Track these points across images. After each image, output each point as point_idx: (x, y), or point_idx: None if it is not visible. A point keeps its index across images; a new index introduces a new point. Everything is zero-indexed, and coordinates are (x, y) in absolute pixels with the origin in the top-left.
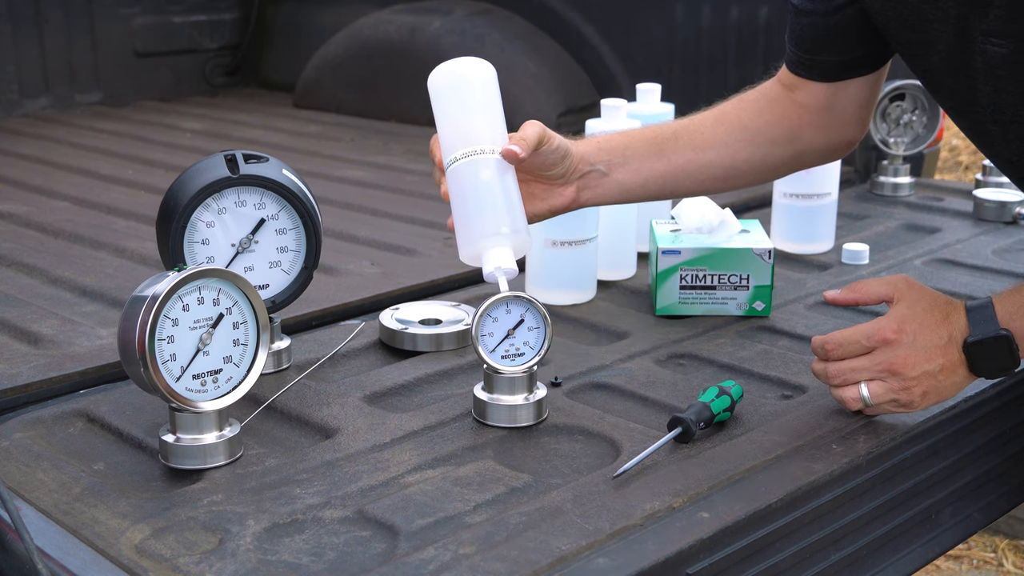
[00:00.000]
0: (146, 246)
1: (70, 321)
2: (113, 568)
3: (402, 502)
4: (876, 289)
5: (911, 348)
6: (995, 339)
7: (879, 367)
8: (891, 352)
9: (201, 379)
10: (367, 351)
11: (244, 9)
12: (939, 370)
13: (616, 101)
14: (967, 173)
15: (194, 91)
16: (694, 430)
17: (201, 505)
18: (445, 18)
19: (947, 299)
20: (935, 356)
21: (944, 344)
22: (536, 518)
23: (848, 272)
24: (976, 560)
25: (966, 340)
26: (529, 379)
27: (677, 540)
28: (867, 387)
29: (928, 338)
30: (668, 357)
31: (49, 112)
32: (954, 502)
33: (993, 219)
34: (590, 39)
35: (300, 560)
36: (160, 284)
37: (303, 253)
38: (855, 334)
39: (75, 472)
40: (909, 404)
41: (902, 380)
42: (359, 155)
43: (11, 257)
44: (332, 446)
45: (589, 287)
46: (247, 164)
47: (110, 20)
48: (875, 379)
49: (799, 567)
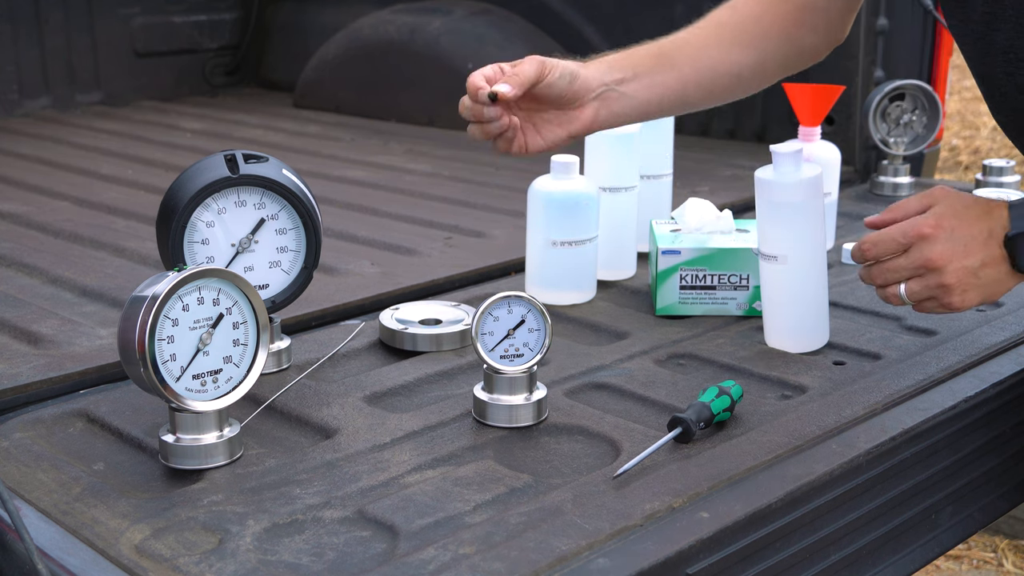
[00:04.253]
0: (146, 246)
1: (70, 321)
2: (113, 568)
3: (402, 502)
4: (914, 204)
5: (948, 242)
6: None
7: (916, 263)
8: (928, 247)
9: (201, 379)
10: (367, 351)
11: (244, 9)
12: (979, 265)
13: None
14: (967, 173)
15: (194, 91)
16: (694, 430)
17: (201, 505)
18: (445, 18)
19: (988, 199)
20: (975, 251)
21: (985, 239)
22: (536, 518)
23: (848, 272)
24: (976, 560)
25: (1007, 235)
26: (529, 379)
27: (677, 540)
28: (904, 285)
29: (967, 232)
30: (668, 357)
31: (49, 112)
32: (954, 502)
33: None
34: (590, 39)
35: (300, 560)
36: (160, 284)
37: (303, 253)
38: (892, 231)
39: (75, 472)
40: (950, 304)
41: (939, 275)
42: (359, 155)
43: (11, 257)
44: (332, 446)
45: (589, 287)
46: (247, 164)
47: (110, 20)
48: (913, 276)
49: (799, 567)
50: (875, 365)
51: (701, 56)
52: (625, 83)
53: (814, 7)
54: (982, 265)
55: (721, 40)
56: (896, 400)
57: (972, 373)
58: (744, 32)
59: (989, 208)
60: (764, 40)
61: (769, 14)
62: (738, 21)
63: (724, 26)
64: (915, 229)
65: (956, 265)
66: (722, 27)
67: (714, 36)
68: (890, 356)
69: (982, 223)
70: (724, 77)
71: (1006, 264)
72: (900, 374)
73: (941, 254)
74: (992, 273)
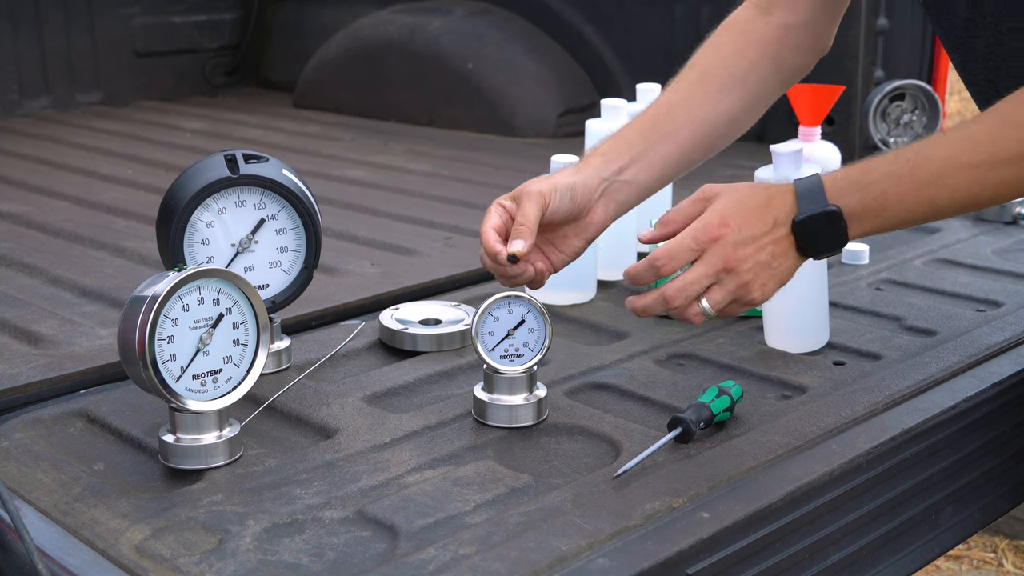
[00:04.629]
0: (146, 246)
1: (70, 321)
2: (113, 568)
3: (402, 502)
4: (689, 208)
5: (738, 242)
6: (823, 215)
7: (715, 268)
8: (721, 250)
9: (201, 379)
10: (367, 351)
11: (244, 9)
12: (771, 257)
13: (616, 101)
14: None
15: (194, 91)
16: (694, 430)
17: (201, 505)
18: (445, 18)
19: (765, 184)
20: (765, 244)
21: (770, 229)
22: (536, 518)
23: (848, 272)
24: (976, 560)
25: (794, 219)
26: (529, 379)
27: (677, 540)
28: (706, 297)
29: (754, 227)
30: (668, 357)
31: (49, 112)
32: (954, 502)
33: (993, 219)
34: (590, 39)
35: (300, 560)
36: (160, 284)
37: (303, 253)
38: (683, 239)
39: (75, 472)
40: (752, 301)
41: (737, 276)
42: (359, 155)
43: (11, 257)
44: (332, 446)
45: (589, 287)
46: (247, 164)
47: (110, 20)
48: (713, 284)
49: (799, 567)
50: (875, 365)
51: (694, 116)
52: (625, 171)
53: (796, 25)
54: (773, 256)
55: (709, 92)
56: (896, 400)
57: (972, 373)
58: (730, 74)
59: (769, 196)
60: (752, 75)
61: (752, 45)
62: (722, 63)
63: (709, 74)
64: (706, 233)
65: (751, 263)
66: (707, 76)
67: (701, 90)
68: (890, 356)
69: (767, 213)
70: (720, 128)
71: (794, 249)
72: (900, 374)
73: (735, 254)
74: (783, 260)
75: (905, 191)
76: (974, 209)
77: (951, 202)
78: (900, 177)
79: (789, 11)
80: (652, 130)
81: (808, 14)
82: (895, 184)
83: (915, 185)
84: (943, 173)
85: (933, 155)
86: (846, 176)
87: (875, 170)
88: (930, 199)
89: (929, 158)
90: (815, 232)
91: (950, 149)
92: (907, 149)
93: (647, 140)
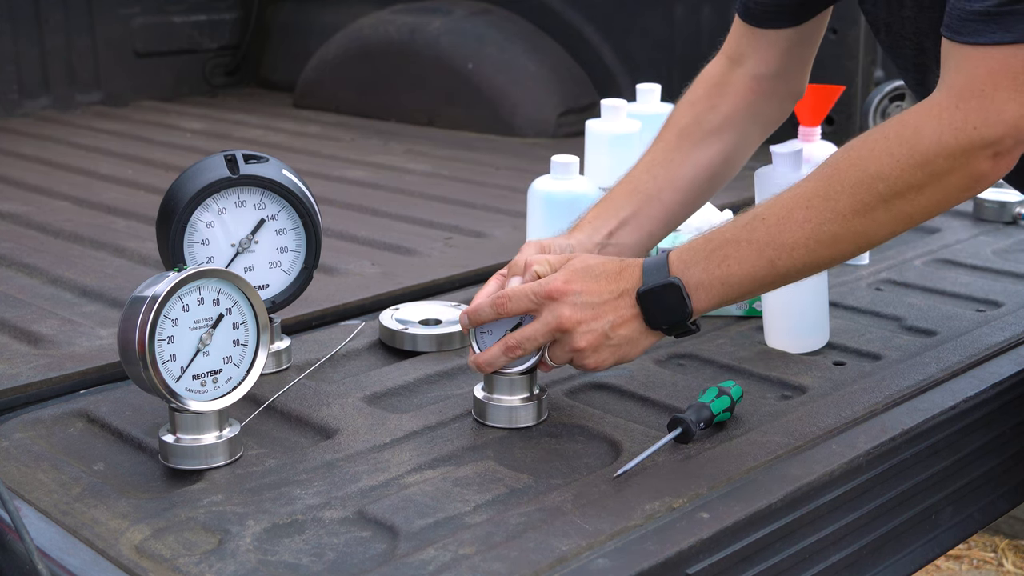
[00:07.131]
0: (146, 246)
1: (70, 321)
2: (113, 568)
3: (402, 502)
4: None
5: (577, 305)
6: (664, 287)
7: (550, 326)
8: (557, 309)
9: (201, 379)
10: (367, 351)
11: (244, 9)
12: (610, 328)
13: (616, 101)
14: None
15: (194, 91)
16: (694, 430)
17: (201, 505)
18: (445, 18)
19: (621, 259)
20: (604, 312)
21: (615, 298)
22: (536, 518)
23: (848, 272)
24: (976, 560)
25: (639, 291)
26: (529, 379)
27: (677, 540)
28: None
29: (596, 294)
30: (668, 357)
31: (49, 112)
32: (954, 502)
33: (993, 219)
34: (590, 39)
35: (300, 560)
36: (160, 284)
37: (303, 253)
38: (526, 288)
39: (75, 472)
40: (584, 366)
41: (571, 338)
42: (359, 155)
43: (11, 257)
44: (332, 446)
45: None
46: (247, 164)
47: (110, 20)
48: (550, 341)
49: (799, 567)
50: (875, 365)
51: (674, 176)
52: (614, 234)
53: (768, 75)
54: (612, 326)
55: (686, 150)
56: (896, 400)
57: (972, 373)
58: (706, 131)
59: (622, 268)
60: (727, 128)
61: (726, 99)
62: (696, 120)
63: (686, 132)
64: (545, 289)
65: (585, 328)
66: (683, 134)
67: (677, 149)
68: (890, 356)
69: (612, 283)
70: (701, 182)
71: (639, 321)
72: (900, 374)
73: (570, 317)
74: (625, 332)
75: (745, 255)
76: (816, 271)
77: (791, 262)
78: (740, 241)
79: (760, 62)
80: (636, 192)
81: (779, 64)
82: (736, 249)
83: (755, 247)
84: (780, 232)
85: (769, 215)
86: (691, 247)
87: (718, 237)
88: (770, 260)
89: (765, 219)
90: (656, 304)
91: (785, 208)
92: (748, 213)
93: (633, 203)
